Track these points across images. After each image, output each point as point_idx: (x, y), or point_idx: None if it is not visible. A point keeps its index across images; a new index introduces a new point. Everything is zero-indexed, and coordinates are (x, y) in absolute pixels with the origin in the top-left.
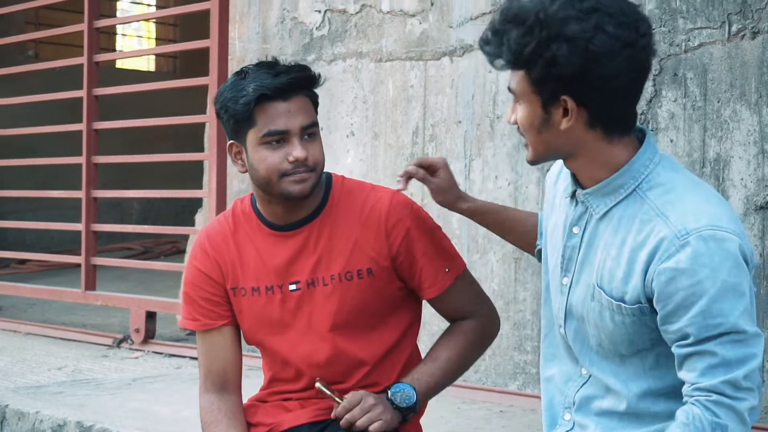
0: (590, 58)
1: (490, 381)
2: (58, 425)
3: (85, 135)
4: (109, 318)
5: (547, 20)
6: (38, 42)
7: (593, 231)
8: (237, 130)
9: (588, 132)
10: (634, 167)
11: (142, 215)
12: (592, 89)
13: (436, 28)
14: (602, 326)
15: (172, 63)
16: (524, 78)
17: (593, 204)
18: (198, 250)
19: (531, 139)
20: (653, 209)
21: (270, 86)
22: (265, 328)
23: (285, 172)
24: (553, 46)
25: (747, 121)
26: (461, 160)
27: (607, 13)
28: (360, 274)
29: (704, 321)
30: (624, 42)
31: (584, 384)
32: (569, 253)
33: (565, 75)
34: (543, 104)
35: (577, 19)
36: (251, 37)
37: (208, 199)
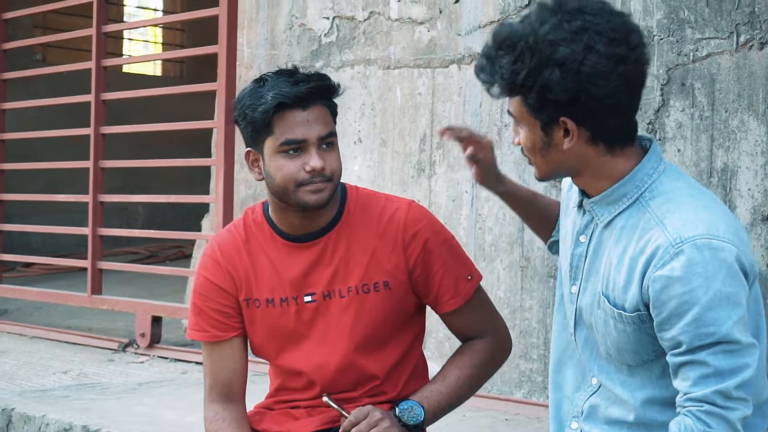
0: (584, 80)
1: (495, 389)
2: (64, 429)
3: (93, 139)
4: (114, 322)
5: (537, 45)
6: (46, 46)
7: (599, 239)
8: (255, 138)
9: (590, 149)
10: (638, 176)
11: (147, 220)
12: (589, 109)
13: (445, 35)
14: (607, 334)
15: (179, 68)
16: (521, 103)
17: (598, 213)
18: (209, 261)
19: (536, 160)
20: (653, 218)
21: (289, 94)
22: (279, 340)
23: (302, 181)
24: (545, 71)
25: (754, 131)
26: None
27: (596, 32)
28: (377, 287)
29: (696, 330)
30: (617, 59)
31: (593, 393)
32: (576, 262)
33: (560, 99)
34: (543, 127)
35: (566, 41)
36: (259, 43)
37: (215, 205)
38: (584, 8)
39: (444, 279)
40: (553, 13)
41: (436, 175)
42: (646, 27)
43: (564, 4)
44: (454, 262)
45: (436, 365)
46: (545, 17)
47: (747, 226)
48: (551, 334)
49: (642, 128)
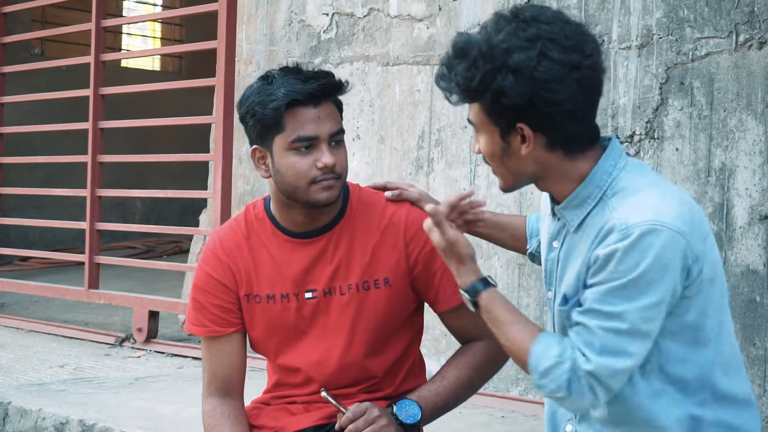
0: (537, 86)
1: (491, 386)
2: (61, 423)
3: (91, 134)
4: (111, 316)
5: (490, 52)
6: (44, 40)
7: (570, 244)
8: (263, 135)
9: (549, 154)
10: (596, 176)
11: (145, 214)
12: (544, 115)
13: (444, 32)
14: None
15: (178, 63)
16: (479, 110)
17: (568, 217)
18: (210, 256)
19: (497, 168)
20: (610, 212)
21: (301, 91)
22: (278, 336)
23: (314, 178)
24: (498, 77)
25: (753, 130)
26: (467, 165)
27: (549, 39)
28: (377, 284)
29: (604, 296)
30: (570, 65)
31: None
32: (550, 267)
33: (515, 104)
34: (501, 133)
35: (520, 48)
36: (258, 38)
37: (213, 200)
38: (539, 17)
39: (444, 276)
40: (508, 22)
41: (434, 172)
42: (646, 26)
43: (519, 14)
44: None
45: (433, 362)
46: (501, 26)
47: (745, 226)
48: None
49: (640, 127)
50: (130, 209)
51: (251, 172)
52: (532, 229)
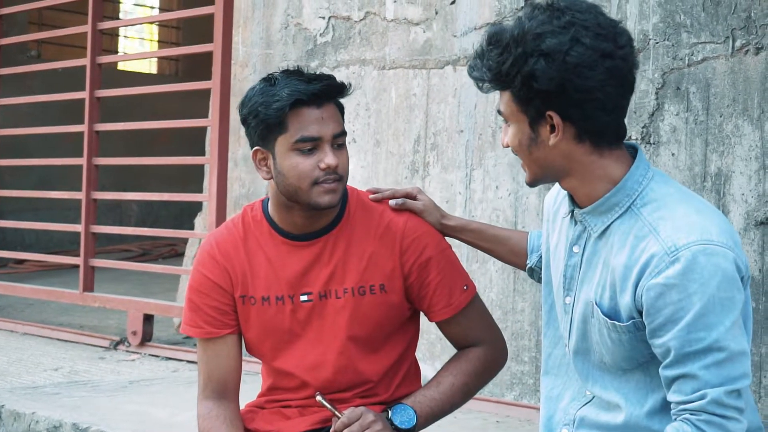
0: (569, 70)
1: (486, 391)
2: (54, 426)
3: (87, 136)
4: (106, 320)
5: (522, 37)
6: (40, 42)
7: (592, 249)
8: (265, 136)
9: (577, 146)
10: (628, 185)
11: (141, 217)
12: (575, 102)
13: (440, 36)
14: (602, 343)
15: (174, 66)
16: (510, 98)
17: (591, 223)
18: (206, 257)
19: (525, 160)
20: (646, 225)
21: (305, 92)
22: (273, 339)
23: (316, 179)
24: (530, 61)
25: (749, 136)
26: (462, 169)
27: (583, 26)
28: (373, 290)
29: (687, 335)
30: (602, 52)
31: (586, 403)
32: (570, 273)
33: (546, 89)
34: (530, 122)
35: (553, 33)
36: (255, 42)
37: (208, 203)
38: (573, 7)
39: (438, 288)
40: (542, 11)
41: (429, 176)
42: (642, 30)
43: (554, 3)
44: (450, 271)
45: (428, 366)
46: (535, 14)
47: (740, 231)
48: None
49: (636, 132)
50: (126, 212)
51: (247, 175)
52: (533, 245)
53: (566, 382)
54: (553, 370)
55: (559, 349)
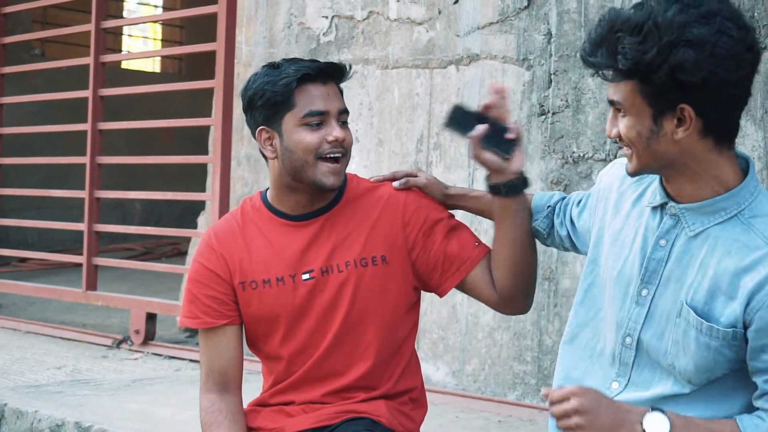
0: (717, 63)
1: (489, 390)
2: (57, 425)
3: (90, 135)
4: (109, 318)
5: (665, 25)
6: (44, 41)
7: (684, 248)
8: (271, 116)
9: (700, 142)
10: (742, 193)
11: (144, 216)
12: (713, 96)
13: (443, 36)
14: (685, 345)
15: (178, 65)
16: (634, 88)
17: (689, 220)
18: (204, 248)
19: (638, 151)
20: (761, 237)
21: (311, 67)
22: (277, 320)
23: (322, 153)
24: (676, 51)
25: (752, 136)
26: (465, 168)
27: (726, 17)
28: (375, 261)
29: None
30: (747, 45)
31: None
32: (654, 266)
33: (690, 82)
34: (654, 114)
35: (699, 23)
36: (258, 41)
37: (211, 202)
38: None
39: (448, 249)
40: (674, 1)
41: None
42: None
43: None
44: (457, 233)
45: (430, 365)
46: (667, 4)
47: None
48: (546, 336)
49: None
50: (129, 211)
51: (250, 174)
52: (537, 206)
53: (589, 368)
54: (577, 350)
55: (589, 331)
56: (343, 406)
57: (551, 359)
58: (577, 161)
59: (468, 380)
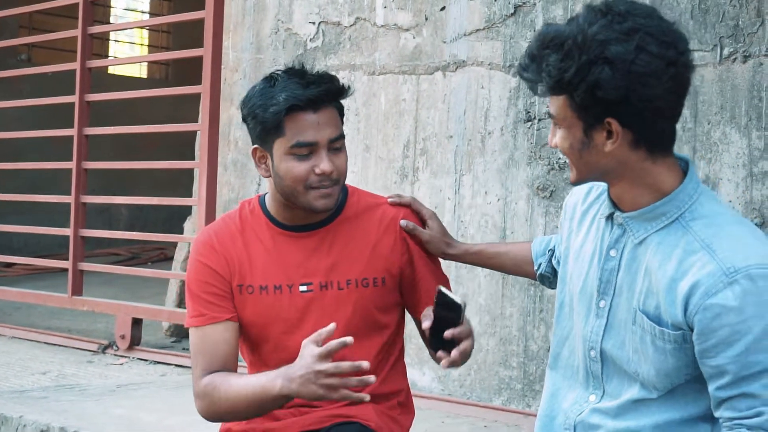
0: (634, 80)
1: (474, 396)
2: (41, 430)
3: (76, 140)
4: (94, 323)
5: (586, 43)
6: (31, 46)
7: (632, 255)
8: (263, 137)
9: (632, 152)
10: (680, 196)
11: (130, 221)
12: (636, 110)
13: (430, 42)
14: (642, 351)
15: (165, 70)
16: (565, 103)
17: (633, 228)
18: (202, 247)
19: (573, 162)
20: (698, 241)
21: (301, 97)
22: (269, 328)
23: (310, 184)
24: (594, 69)
25: (736, 143)
26: (451, 174)
27: (647, 33)
28: (376, 283)
29: (746, 358)
30: (667, 61)
31: (591, 410)
32: (607, 276)
33: (609, 98)
34: (585, 128)
35: (618, 40)
36: (245, 46)
37: (197, 207)
38: (633, 11)
39: (423, 283)
40: (602, 15)
41: (419, 181)
42: None
43: (613, 7)
44: (434, 268)
45: (416, 371)
46: (594, 19)
47: None
48: (531, 342)
49: None
50: (115, 216)
51: (236, 179)
52: (537, 252)
53: (571, 384)
54: (560, 370)
55: (566, 350)
56: (332, 410)
57: (537, 365)
58: (563, 167)
59: (454, 385)
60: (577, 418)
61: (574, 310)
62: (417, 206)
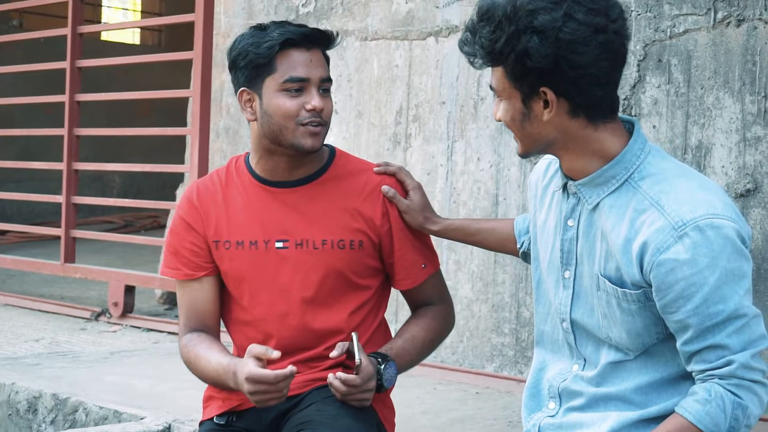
0: (562, 47)
1: (467, 362)
2: (34, 397)
3: (68, 107)
4: (87, 291)
5: (515, 14)
6: (23, 12)
7: (588, 222)
8: (253, 78)
9: (571, 121)
10: (626, 158)
11: (123, 189)
12: (569, 78)
13: (422, 8)
14: (611, 315)
15: (158, 36)
16: (502, 74)
17: (586, 195)
18: (185, 201)
19: (517, 134)
20: (647, 198)
21: (296, 32)
22: (244, 284)
23: (300, 120)
24: (523, 38)
25: (730, 108)
26: (444, 141)
27: (575, 2)
28: (352, 245)
29: (706, 310)
30: (595, 28)
31: (576, 378)
32: (568, 246)
33: (540, 67)
34: (523, 98)
35: (546, 9)
36: (237, 12)
37: (189, 174)
38: None
39: (402, 259)
40: None
41: (411, 148)
42: (624, 2)
43: None
44: (412, 248)
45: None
46: None
47: None
48: (524, 308)
49: None
50: (108, 183)
51: (228, 146)
52: (520, 230)
53: (558, 358)
54: (546, 345)
55: (548, 325)
56: (312, 374)
57: (529, 331)
58: None
59: (446, 352)
60: (561, 386)
61: (547, 284)
62: (402, 176)
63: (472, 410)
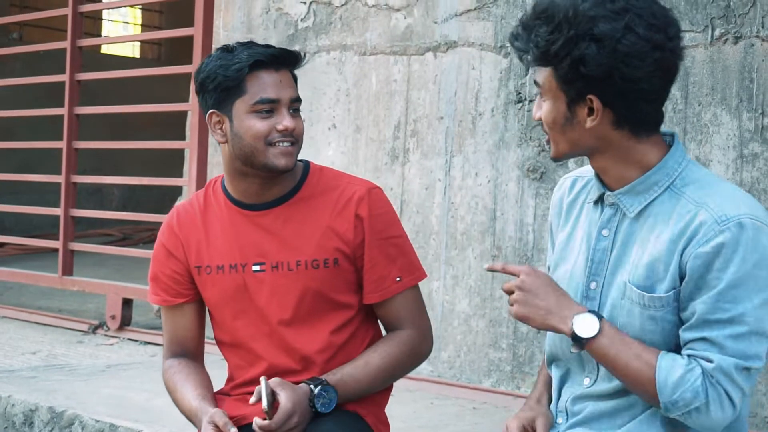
0: (618, 59)
1: (464, 377)
2: (30, 410)
3: (67, 120)
4: (85, 304)
5: (576, 18)
6: (23, 25)
7: (628, 231)
8: (222, 100)
9: (614, 131)
10: (668, 164)
11: (122, 202)
12: (619, 90)
13: (421, 23)
14: (629, 326)
15: (157, 50)
16: (551, 75)
17: (626, 204)
18: (165, 228)
19: (554, 136)
20: (692, 202)
21: (265, 53)
22: (229, 307)
23: (272, 141)
24: (581, 44)
25: (727, 125)
26: (442, 155)
27: (637, 14)
28: (326, 264)
29: (715, 303)
30: (654, 44)
31: (584, 393)
32: (599, 257)
33: (593, 75)
34: (568, 102)
35: (607, 18)
36: (236, 26)
37: (188, 187)
38: None
39: (369, 273)
40: None
41: (409, 162)
42: None
43: None
44: (384, 259)
45: None
46: None
47: None
48: (521, 324)
49: None
50: (107, 196)
51: None
52: None
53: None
54: (560, 364)
55: (565, 342)
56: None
57: (526, 346)
58: None
59: (443, 367)
60: (569, 400)
61: None
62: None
63: (468, 425)
